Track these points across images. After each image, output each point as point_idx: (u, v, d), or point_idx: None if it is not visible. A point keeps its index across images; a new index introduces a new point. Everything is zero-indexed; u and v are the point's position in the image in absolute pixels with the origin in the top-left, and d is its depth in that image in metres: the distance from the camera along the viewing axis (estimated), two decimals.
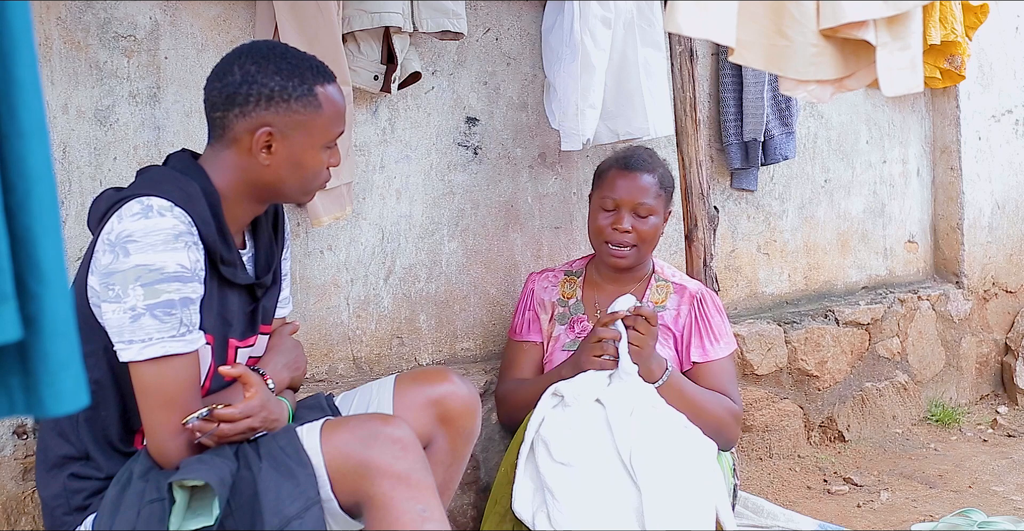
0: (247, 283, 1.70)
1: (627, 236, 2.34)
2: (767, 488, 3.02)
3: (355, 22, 2.27)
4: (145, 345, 1.50)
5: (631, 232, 2.33)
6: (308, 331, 2.46)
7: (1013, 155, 4.06)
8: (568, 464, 1.99)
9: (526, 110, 2.82)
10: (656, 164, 2.43)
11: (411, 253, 2.64)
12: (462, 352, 2.75)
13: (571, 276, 2.54)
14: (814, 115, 3.53)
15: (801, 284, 3.54)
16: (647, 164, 2.40)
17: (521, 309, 2.53)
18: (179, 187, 1.58)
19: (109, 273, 1.50)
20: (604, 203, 2.37)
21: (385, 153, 2.58)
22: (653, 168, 2.40)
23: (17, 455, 2.00)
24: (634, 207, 2.34)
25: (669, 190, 2.43)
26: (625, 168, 2.38)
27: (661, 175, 2.41)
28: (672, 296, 2.45)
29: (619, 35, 2.65)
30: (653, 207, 2.35)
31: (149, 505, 1.50)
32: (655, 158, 2.46)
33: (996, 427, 3.64)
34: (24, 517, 1.99)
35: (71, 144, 2.13)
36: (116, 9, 2.17)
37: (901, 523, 2.72)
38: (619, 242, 2.35)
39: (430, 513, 1.56)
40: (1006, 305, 4.06)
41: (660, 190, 2.38)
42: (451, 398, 1.86)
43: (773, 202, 3.43)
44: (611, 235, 2.35)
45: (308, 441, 1.59)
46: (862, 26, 1.91)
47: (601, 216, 2.37)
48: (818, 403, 3.34)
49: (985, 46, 3.85)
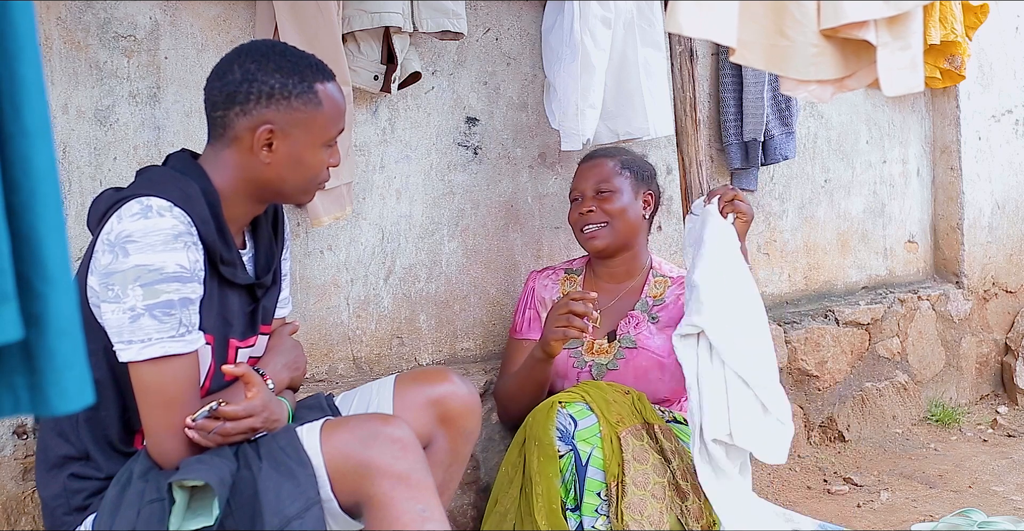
0: (247, 283, 1.70)
1: (592, 215, 2.42)
2: (767, 488, 3.02)
3: (355, 22, 2.27)
4: (144, 345, 1.50)
5: (594, 211, 2.41)
6: (308, 331, 2.46)
7: (1013, 155, 4.06)
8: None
9: (526, 110, 2.82)
10: (618, 152, 2.54)
11: (411, 253, 2.64)
12: (462, 352, 2.75)
13: (571, 274, 2.55)
14: (814, 115, 3.53)
15: (801, 284, 3.54)
16: (606, 152, 2.54)
17: (522, 307, 2.54)
18: (179, 187, 1.59)
19: (108, 273, 1.50)
20: (572, 196, 2.51)
21: (385, 153, 2.58)
22: (613, 155, 2.51)
23: (17, 455, 2.00)
24: (595, 189, 2.44)
25: (637, 171, 2.49)
26: (583, 161, 2.54)
27: (624, 159, 2.50)
28: (671, 288, 2.47)
29: (619, 35, 2.65)
30: (614, 186, 2.44)
31: (149, 505, 1.50)
32: (619, 149, 2.59)
33: (996, 427, 3.64)
34: (24, 517, 1.99)
35: (71, 144, 2.13)
36: (116, 9, 2.17)
37: (901, 523, 2.72)
38: (586, 222, 2.43)
39: (430, 513, 1.56)
40: (1006, 305, 4.06)
41: (622, 169, 2.46)
42: (451, 398, 1.86)
43: (773, 202, 3.43)
44: (579, 220, 2.45)
45: (308, 441, 1.59)
46: (863, 26, 1.91)
47: (572, 210, 2.50)
48: (818, 403, 3.34)
49: (985, 46, 3.85)
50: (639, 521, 2.08)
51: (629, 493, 2.10)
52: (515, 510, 2.20)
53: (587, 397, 2.21)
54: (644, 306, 2.45)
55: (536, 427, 2.20)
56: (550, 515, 2.12)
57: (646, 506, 2.10)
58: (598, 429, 2.16)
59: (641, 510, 2.09)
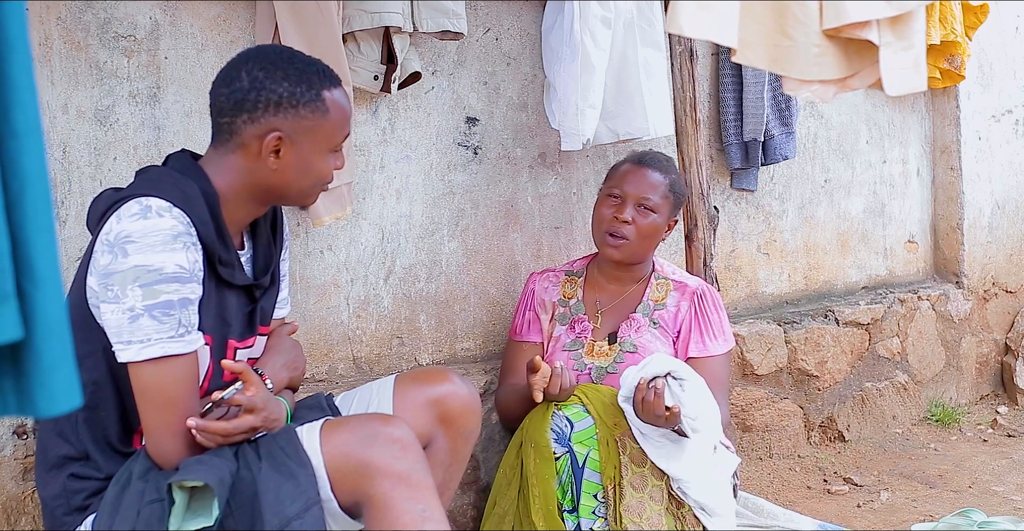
0: (245, 284, 1.70)
1: (626, 227, 2.36)
2: (767, 488, 3.02)
3: (355, 22, 2.27)
4: (144, 346, 1.50)
5: (631, 224, 2.36)
6: (308, 331, 2.46)
7: (1013, 155, 4.06)
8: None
9: (526, 110, 2.82)
10: (671, 169, 2.48)
11: (411, 253, 2.64)
12: (462, 352, 2.75)
13: (572, 276, 2.54)
14: (814, 115, 3.53)
15: (801, 284, 3.54)
16: (661, 165, 2.45)
17: (521, 309, 2.53)
18: (178, 187, 1.58)
19: (108, 274, 1.50)
20: (611, 192, 2.42)
21: (385, 153, 2.58)
22: (667, 171, 2.45)
23: (17, 455, 2.00)
24: (639, 200, 2.37)
25: (679, 196, 2.45)
26: (638, 163, 2.44)
27: (673, 180, 2.45)
28: (672, 293, 2.46)
29: (619, 35, 2.65)
30: (657, 205, 2.38)
31: (149, 505, 1.50)
32: (671, 164, 2.51)
33: (996, 427, 3.64)
34: (24, 517, 1.99)
35: (71, 144, 2.13)
36: (116, 9, 2.17)
37: (901, 523, 2.72)
38: (618, 232, 2.37)
39: (430, 513, 1.56)
40: (1006, 305, 4.06)
41: (668, 192, 2.41)
42: (451, 398, 1.86)
43: (773, 202, 3.43)
44: (611, 224, 2.38)
45: (308, 441, 1.59)
46: (865, 26, 1.91)
47: (606, 205, 2.42)
48: (818, 403, 3.34)
49: (985, 46, 3.85)
50: (638, 523, 2.08)
51: (627, 495, 2.10)
52: (513, 511, 2.20)
53: (584, 400, 2.21)
54: (646, 309, 2.45)
55: (532, 429, 2.20)
56: (547, 516, 2.12)
57: (645, 509, 2.10)
58: (595, 431, 2.16)
59: (640, 512, 2.09)
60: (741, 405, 3.13)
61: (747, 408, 3.14)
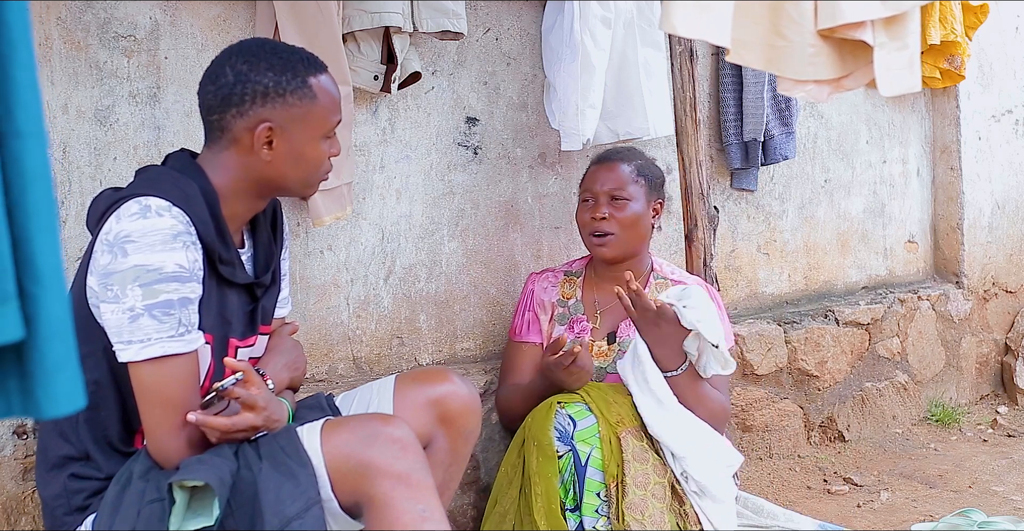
0: (246, 282, 1.71)
1: (604, 223, 2.38)
2: (767, 488, 3.02)
3: (355, 22, 2.27)
4: (144, 345, 1.50)
5: (608, 218, 2.38)
6: (308, 331, 2.46)
7: (1013, 155, 4.06)
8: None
9: (526, 110, 2.82)
10: (635, 156, 2.50)
11: (411, 253, 2.64)
12: (462, 352, 2.75)
13: (571, 276, 2.54)
14: (814, 115, 3.53)
15: (801, 284, 3.54)
16: (622, 155, 2.48)
17: (521, 310, 2.53)
18: (177, 187, 1.59)
19: (108, 273, 1.50)
20: (584, 197, 2.47)
21: (385, 153, 2.58)
22: (630, 158, 2.47)
23: (17, 455, 2.00)
24: (610, 194, 2.40)
25: (651, 179, 2.46)
26: (599, 161, 2.49)
27: (640, 165, 2.46)
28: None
29: (619, 35, 2.65)
30: (630, 193, 2.40)
31: (149, 505, 1.50)
32: (634, 151, 2.54)
33: (996, 427, 3.64)
34: (24, 517, 1.99)
35: (71, 144, 2.13)
36: (116, 9, 2.17)
37: (901, 523, 2.72)
38: (599, 230, 2.39)
39: (430, 513, 1.56)
40: (1006, 305, 4.06)
41: (637, 176, 2.43)
42: (451, 398, 1.86)
43: (773, 202, 3.43)
44: (591, 225, 2.41)
45: (308, 441, 1.59)
46: (860, 26, 1.91)
47: (583, 210, 2.45)
48: (818, 403, 3.34)
49: (985, 46, 3.85)
50: (640, 521, 2.08)
51: (630, 493, 2.10)
52: (515, 510, 2.20)
53: (587, 397, 2.21)
54: None
55: (535, 427, 2.20)
56: (549, 515, 2.12)
57: (647, 506, 2.10)
58: (597, 429, 2.16)
59: (642, 510, 2.09)
60: (741, 405, 3.13)
61: (747, 408, 3.14)
